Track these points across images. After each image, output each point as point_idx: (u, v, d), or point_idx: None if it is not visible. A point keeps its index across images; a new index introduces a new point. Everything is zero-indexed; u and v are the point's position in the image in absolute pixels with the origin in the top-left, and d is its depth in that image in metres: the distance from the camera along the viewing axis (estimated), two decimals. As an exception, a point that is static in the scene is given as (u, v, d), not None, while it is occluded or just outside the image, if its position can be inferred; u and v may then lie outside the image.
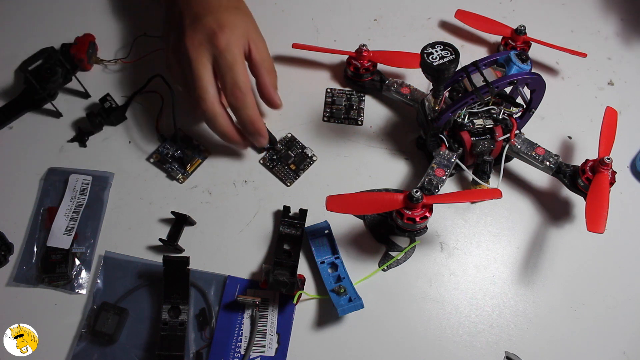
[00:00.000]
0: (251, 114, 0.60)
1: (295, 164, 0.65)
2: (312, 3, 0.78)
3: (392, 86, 0.68)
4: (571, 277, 0.60)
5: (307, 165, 0.65)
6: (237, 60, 0.59)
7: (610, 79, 0.73)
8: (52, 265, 0.58)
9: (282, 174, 0.65)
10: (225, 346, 0.56)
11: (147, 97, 0.69)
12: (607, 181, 0.57)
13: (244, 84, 0.59)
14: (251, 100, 0.60)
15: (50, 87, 0.66)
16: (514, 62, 0.58)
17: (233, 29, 0.60)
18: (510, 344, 0.57)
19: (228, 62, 0.58)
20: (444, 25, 0.77)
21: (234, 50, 0.59)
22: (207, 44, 0.59)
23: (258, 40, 0.63)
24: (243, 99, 0.59)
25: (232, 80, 0.59)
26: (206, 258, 0.60)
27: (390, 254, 0.61)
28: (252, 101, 0.60)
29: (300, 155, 0.66)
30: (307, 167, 0.65)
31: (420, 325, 0.58)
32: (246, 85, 0.59)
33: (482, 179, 0.63)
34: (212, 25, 0.59)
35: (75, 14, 0.76)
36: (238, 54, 0.59)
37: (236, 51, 0.59)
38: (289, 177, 0.65)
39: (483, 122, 0.61)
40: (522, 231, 0.63)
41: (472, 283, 0.60)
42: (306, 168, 0.65)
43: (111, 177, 0.64)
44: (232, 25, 0.60)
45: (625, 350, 0.57)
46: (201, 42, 0.59)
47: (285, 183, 0.65)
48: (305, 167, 0.65)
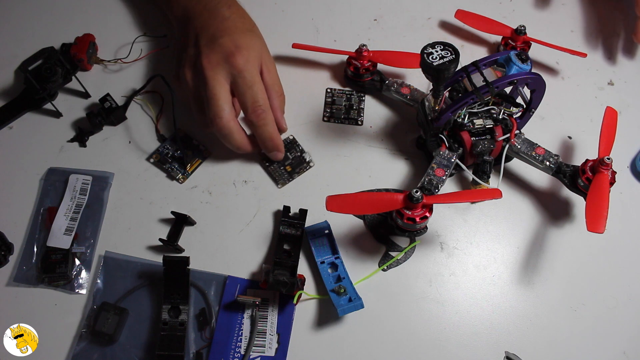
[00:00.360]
0: (271, 131, 0.62)
1: (291, 166, 0.66)
2: (312, 3, 0.78)
3: (392, 86, 0.68)
4: (571, 277, 0.60)
5: (303, 169, 0.65)
6: (255, 79, 0.61)
7: (610, 79, 0.73)
8: (52, 265, 0.58)
9: (277, 174, 0.65)
10: (225, 346, 0.56)
11: (147, 97, 0.69)
12: (607, 181, 0.57)
13: (264, 102, 0.61)
14: (271, 117, 0.62)
15: (50, 87, 0.66)
16: (514, 62, 0.58)
17: (249, 50, 0.62)
18: (510, 344, 0.57)
19: (247, 81, 0.60)
20: (444, 25, 0.77)
21: (252, 70, 0.61)
22: (225, 63, 0.60)
23: (270, 63, 0.65)
24: (264, 117, 0.61)
25: (252, 98, 0.60)
26: (206, 258, 0.60)
27: (390, 254, 0.61)
28: (272, 118, 0.62)
29: (298, 158, 0.66)
30: (302, 172, 0.65)
31: (420, 325, 0.58)
32: (266, 103, 0.61)
33: (482, 179, 0.63)
34: (229, 46, 0.61)
35: (75, 14, 0.76)
36: (256, 74, 0.61)
37: (254, 71, 0.61)
38: (283, 178, 0.65)
39: (483, 122, 0.61)
40: (522, 231, 0.63)
41: (472, 283, 0.60)
42: (302, 172, 0.65)
43: (111, 177, 0.64)
44: (248, 46, 0.62)
45: (625, 350, 0.57)
46: (218, 61, 0.60)
47: (277, 183, 0.65)
48: (301, 171, 0.65)
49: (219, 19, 0.64)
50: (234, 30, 0.63)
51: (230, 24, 0.64)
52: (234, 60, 0.60)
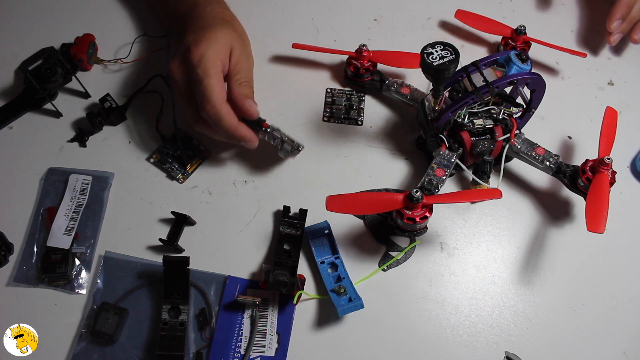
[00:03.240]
0: (227, 125, 0.59)
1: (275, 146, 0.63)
2: (312, 3, 0.78)
3: (392, 86, 0.68)
4: (571, 277, 0.60)
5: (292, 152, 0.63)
6: (208, 73, 0.58)
7: (610, 79, 0.73)
8: (52, 265, 0.58)
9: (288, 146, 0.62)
10: (225, 346, 0.56)
11: (147, 97, 0.69)
12: (607, 181, 0.57)
13: (215, 96, 0.58)
14: (225, 110, 0.58)
15: (50, 87, 0.66)
16: (514, 62, 0.58)
17: (209, 43, 0.60)
18: (510, 344, 0.57)
19: (198, 77, 0.58)
20: (444, 25, 0.77)
21: (206, 63, 0.59)
22: (184, 61, 0.60)
23: (241, 53, 0.63)
24: (214, 112, 0.58)
25: (201, 94, 0.58)
26: (206, 258, 0.60)
27: (390, 254, 0.61)
28: (226, 111, 0.58)
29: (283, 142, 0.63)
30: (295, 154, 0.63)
31: (420, 325, 0.58)
32: (216, 97, 0.58)
33: (482, 179, 0.63)
34: (188, 43, 0.60)
35: (75, 14, 0.76)
36: (210, 68, 0.59)
37: (208, 64, 0.59)
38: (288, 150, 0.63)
39: (483, 122, 0.61)
40: (522, 231, 0.63)
41: (472, 283, 0.60)
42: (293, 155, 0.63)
43: (111, 177, 0.64)
44: (208, 40, 0.60)
45: (625, 350, 0.57)
46: (181, 60, 0.60)
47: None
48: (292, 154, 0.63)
49: (193, 18, 0.64)
50: (200, 26, 0.62)
51: (200, 21, 0.63)
52: (190, 56, 0.59)
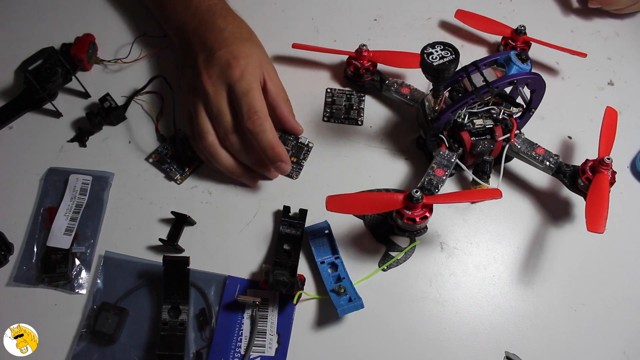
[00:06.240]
0: (270, 138, 0.59)
1: (294, 156, 0.65)
2: (312, 3, 0.78)
3: (392, 86, 0.68)
4: (571, 277, 0.60)
5: (306, 153, 0.65)
6: (252, 86, 0.59)
7: (610, 79, 0.73)
8: (52, 265, 0.58)
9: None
10: (225, 346, 0.56)
11: (147, 97, 0.69)
12: (607, 181, 0.57)
13: (261, 108, 0.59)
14: (269, 125, 0.59)
15: (50, 87, 0.66)
16: (514, 62, 0.58)
17: (247, 59, 0.61)
18: (510, 344, 0.57)
19: (243, 89, 0.59)
20: (444, 25, 0.77)
21: (249, 78, 0.59)
22: (223, 76, 0.60)
23: (271, 70, 0.64)
24: (260, 123, 0.58)
25: (248, 105, 0.59)
26: (206, 258, 0.60)
27: (390, 254, 0.61)
28: (270, 126, 0.59)
29: (296, 146, 0.66)
30: (307, 156, 0.65)
31: (420, 325, 0.58)
32: (264, 110, 0.59)
33: (482, 179, 0.63)
34: (226, 57, 0.60)
35: (75, 14, 0.76)
36: (253, 81, 0.60)
37: (251, 79, 0.60)
38: (294, 170, 0.65)
39: (483, 122, 0.61)
40: (522, 231, 0.63)
41: (472, 283, 0.60)
42: (307, 156, 0.65)
43: (111, 177, 0.64)
44: (245, 55, 0.61)
45: (625, 350, 0.57)
46: (218, 75, 0.60)
47: (292, 177, 0.65)
48: (305, 155, 0.65)
49: (215, 31, 0.63)
50: (231, 41, 0.62)
51: (227, 35, 0.63)
52: (231, 71, 0.59)
